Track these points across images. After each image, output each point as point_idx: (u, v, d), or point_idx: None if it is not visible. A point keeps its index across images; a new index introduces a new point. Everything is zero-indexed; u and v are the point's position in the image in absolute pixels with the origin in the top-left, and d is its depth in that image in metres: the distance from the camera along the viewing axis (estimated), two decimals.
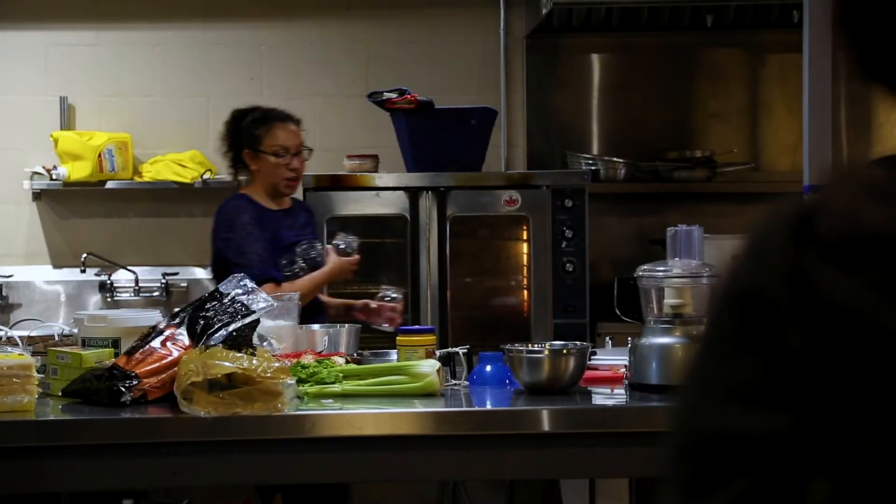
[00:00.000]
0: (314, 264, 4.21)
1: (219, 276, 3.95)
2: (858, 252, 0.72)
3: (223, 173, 5.45)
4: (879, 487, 0.68)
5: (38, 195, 5.45)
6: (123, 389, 3.02)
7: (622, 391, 3.26)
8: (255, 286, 3.33)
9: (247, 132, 4.26)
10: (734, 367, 0.77)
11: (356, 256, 4.21)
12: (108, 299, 5.42)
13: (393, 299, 4.23)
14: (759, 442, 0.74)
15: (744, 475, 0.73)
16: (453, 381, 3.38)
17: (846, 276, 0.71)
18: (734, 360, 0.77)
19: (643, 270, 3.27)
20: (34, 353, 3.37)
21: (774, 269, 0.75)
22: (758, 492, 0.73)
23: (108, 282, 5.41)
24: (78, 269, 5.36)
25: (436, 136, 4.91)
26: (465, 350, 3.43)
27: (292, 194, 4.34)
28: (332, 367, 3.28)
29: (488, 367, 3.36)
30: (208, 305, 3.25)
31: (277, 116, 4.32)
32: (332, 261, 4.18)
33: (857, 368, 0.69)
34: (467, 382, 3.37)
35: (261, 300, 3.26)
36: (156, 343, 3.14)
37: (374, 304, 4.22)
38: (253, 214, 4.18)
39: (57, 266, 5.48)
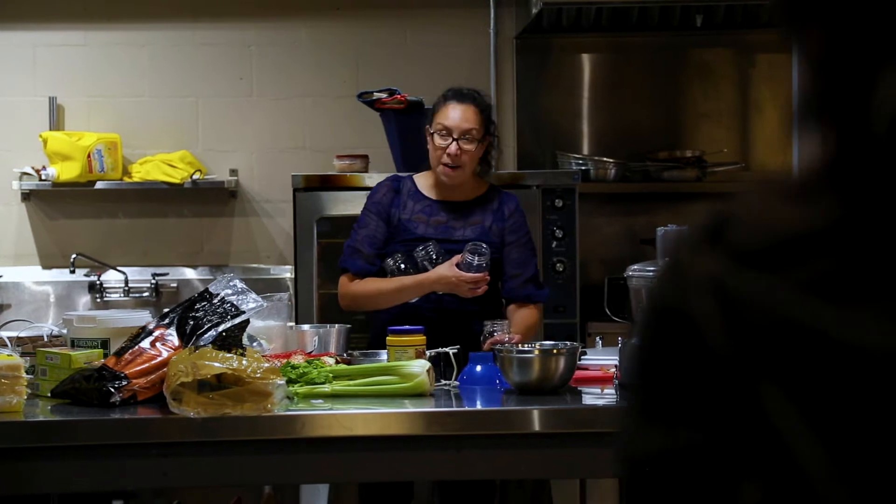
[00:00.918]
0: (421, 267, 3.80)
1: None
2: (773, 255, 0.72)
3: (213, 173, 5.46)
4: (813, 488, 0.69)
5: (27, 196, 5.44)
6: (113, 390, 3.02)
7: (612, 391, 3.26)
8: (244, 287, 3.33)
9: (431, 110, 3.93)
10: (649, 386, 0.78)
11: (471, 275, 3.69)
12: (98, 300, 5.41)
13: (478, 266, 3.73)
14: (667, 460, 0.74)
15: (662, 495, 0.74)
16: (443, 382, 3.38)
17: (763, 280, 0.71)
18: (651, 377, 0.78)
19: (633, 270, 3.28)
20: (23, 354, 3.36)
21: (691, 282, 0.75)
22: None
23: (98, 282, 5.40)
24: (67, 270, 5.35)
25: (426, 137, 4.92)
26: (456, 350, 3.43)
27: (451, 183, 3.88)
28: (322, 367, 3.28)
29: (478, 368, 3.36)
30: (198, 306, 3.24)
31: (455, 94, 3.89)
32: (439, 271, 3.74)
33: (784, 371, 0.69)
34: (457, 383, 3.37)
35: (251, 300, 3.26)
36: (145, 344, 3.14)
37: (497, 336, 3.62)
38: (386, 197, 3.92)
39: (46, 267, 5.47)
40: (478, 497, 3.84)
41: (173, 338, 3.16)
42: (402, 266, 3.81)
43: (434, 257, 3.79)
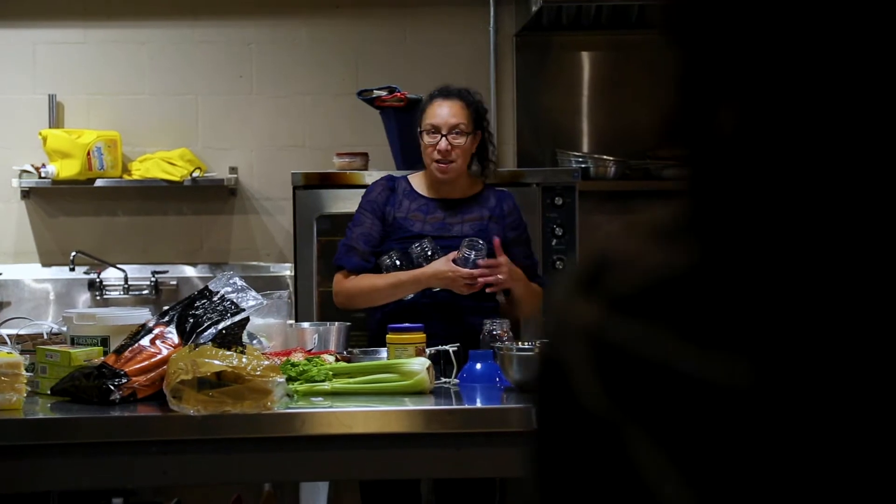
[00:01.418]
0: (416, 264, 3.80)
1: None
2: (643, 299, 0.72)
3: (212, 171, 5.46)
4: None
5: (26, 193, 5.44)
6: (113, 388, 3.02)
7: None
8: (244, 284, 3.33)
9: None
10: (541, 442, 0.79)
11: (468, 270, 3.69)
12: (98, 297, 5.40)
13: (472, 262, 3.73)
14: None
15: None
16: (443, 379, 3.38)
17: (634, 325, 0.71)
18: (541, 433, 0.79)
19: None
20: (23, 352, 3.36)
21: (568, 331, 0.75)
22: None
23: (98, 280, 5.40)
24: (67, 268, 5.35)
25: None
26: (456, 348, 3.43)
27: (445, 179, 3.90)
28: (322, 365, 3.28)
29: (478, 365, 3.36)
30: (198, 303, 3.24)
31: (441, 92, 3.93)
32: (436, 266, 3.74)
33: (653, 417, 0.69)
34: (457, 380, 3.37)
35: (250, 298, 3.26)
36: (145, 341, 3.14)
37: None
38: (381, 195, 3.94)
39: (46, 264, 5.47)
40: (476, 497, 3.84)
41: (173, 335, 3.16)
42: (398, 263, 3.82)
43: (429, 254, 3.79)
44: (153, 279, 5.40)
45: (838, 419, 0.64)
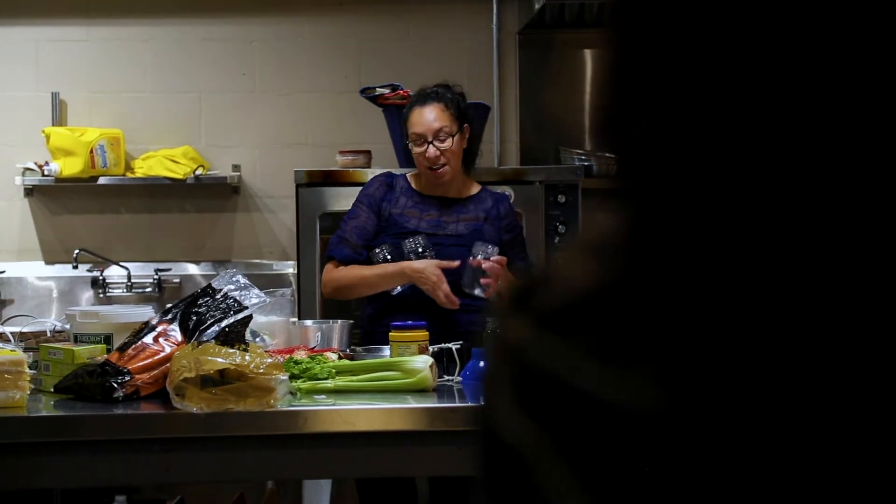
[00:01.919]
0: (406, 259, 3.82)
1: None
2: (565, 317, 0.70)
3: (215, 169, 5.46)
4: None
5: (29, 191, 5.44)
6: (116, 385, 3.02)
7: None
8: (247, 282, 3.33)
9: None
10: (480, 468, 0.79)
11: (446, 289, 3.70)
12: (101, 295, 5.41)
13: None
14: None
15: None
16: (446, 377, 3.38)
17: (554, 343, 0.70)
18: (480, 460, 0.78)
19: None
20: (26, 349, 3.36)
21: (498, 348, 0.74)
22: None
23: (101, 278, 5.40)
24: (70, 265, 5.35)
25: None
26: (459, 346, 3.44)
27: (441, 182, 3.90)
28: (325, 363, 3.28)
29: (481, 363, 3.36)
30: (201, 301, 3.25)
31: (419, 98, 3.92)
32: (422, 264, 3.74)
33: (565, 438, 0.68)
34: (460, 378, 3.37)
35: (253, 296, 3.26)
36: (148, 339, 3.14)
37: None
38: (378, 191, 3.95)
39: (49, 262, 5.47)
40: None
41: (176, 333, 3.16)
42: (389, 257, 3.83)
43: (420, 250, 3.81)
44: (156, 277, 5.41)
45: (746, 445, 0.64)
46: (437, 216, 3.92)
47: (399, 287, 3.81)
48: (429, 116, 3.85)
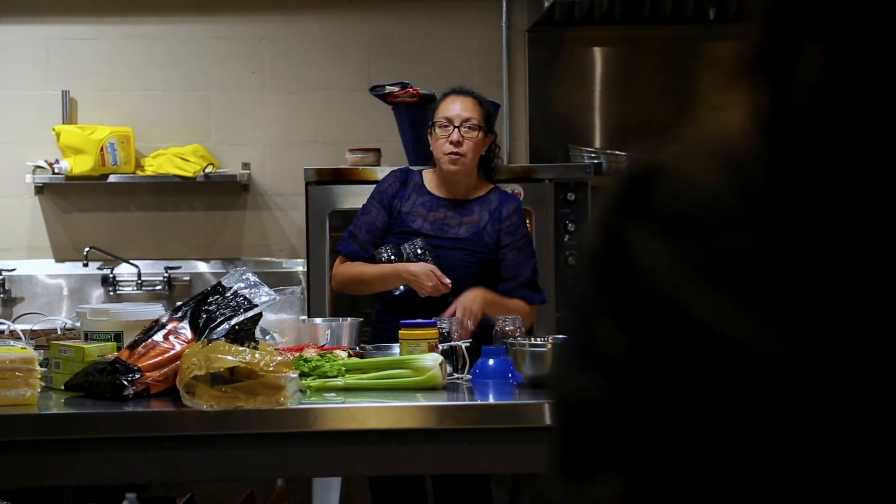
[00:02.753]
0: (407, 262, 3.83)
1: None
2: (684, 222, 0.68)
3: (225, 167, 5.47)
4: (667, 486, 0.67)
5: (40, 189, 5.45)
6: (126, 383, 3.02)
7: None
8: (257, 280, 3.33)
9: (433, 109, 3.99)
10: (574, 334, 0.76)
11: (446, 281, 3.73)
12: (111, 293, 5.42)
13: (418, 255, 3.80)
14: (587, 405, 0.73)
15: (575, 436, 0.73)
16: (456, 375, 3.38)
17: (664, 247, 0.68)
18: (575, 327, 0.76)
19: None
20: (37, 347, 3.37)
21: (605, 239, 0.72)
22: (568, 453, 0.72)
23: (111, 276, 5.41)
24: (80, 263, 5.36)
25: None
26: (468, 344, 3.43)
27: (455, 171, 3.91)
28: (335, 360, 3.28)
29: (491, 361, 3.36)
30: (211, 299, 3.25)
31: (455, 90, 4.01)
32: (419, 267, 3.77)
33: (657, 350, 0.67)
34: (470, 376, 3.37)
35: (263, 294, 3.26)
36: (158, 337, 3.15)
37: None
38: (392, 187, 3.98)
39: (59, 260, 5.48)
40: (473, 496, 3.86)
41: (186, 331, 3.17)
42: (392, 258, 3.86)
43: (419, 252, 3.82)
44: (166, 275, 5.41)
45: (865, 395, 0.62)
46: (442, 217, 3.94)
47: (401, 287, 3.83)
48: (461, 105, 3.93)
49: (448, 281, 3.75)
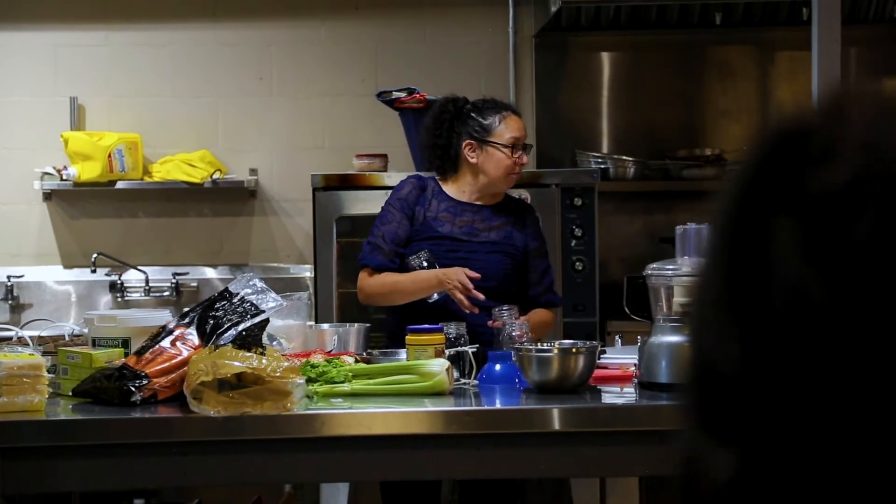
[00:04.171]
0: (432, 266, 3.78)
1: None
2: (860, 204, 0.62)
3: (232, 173, 5.48)
4: (783, 474, 0.64)
5: (48, 195, 5.46)
6: (134, 389, 3.03)
7: (632, 390, 3.26)
8: (264, 286, 3.33)
9: (474, 121, 3.91)
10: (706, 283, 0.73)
11: (471, 288, 3.64)
12: (119, 299, 5.43)
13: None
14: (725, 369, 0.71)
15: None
16: (463, 381, 3.38)
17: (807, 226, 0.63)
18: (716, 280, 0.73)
19: (652, 269, 3.27)
20: (45, 353, 3.38)
21: (761, 201, 0.68)
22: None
23: (119, 282, 5.42)
24: (88, 270, 5.37)
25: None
26: (475, 349, 3.43)
27: (509, 187, 3.98)
28: (342, 366, 3.29)
29: (498, 366, 3.36)
30: (218, 305, 3.25)
31: (507, 107, 4.00)
32: (450, 270, 3.70)
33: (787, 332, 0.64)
34: (476, 381, 3.37)
35: (270, 300, 3.27)
36: (166, 343, 3.15)
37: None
38: (412, 194, 3.91)
39: (67, 266, 5.49)
40: (499, 498, 3.83)
41: (193, 337, 3.17)
42: (425, 265, 3.75)
43: (424, 265, 3.73)
44: (174, 281, 5.42)
45: None
46: (470, 221, 3.90)
47: (435, 295, 3.73)
48: (520, 126, 3.93)
49: (481, 296, 3.67)
